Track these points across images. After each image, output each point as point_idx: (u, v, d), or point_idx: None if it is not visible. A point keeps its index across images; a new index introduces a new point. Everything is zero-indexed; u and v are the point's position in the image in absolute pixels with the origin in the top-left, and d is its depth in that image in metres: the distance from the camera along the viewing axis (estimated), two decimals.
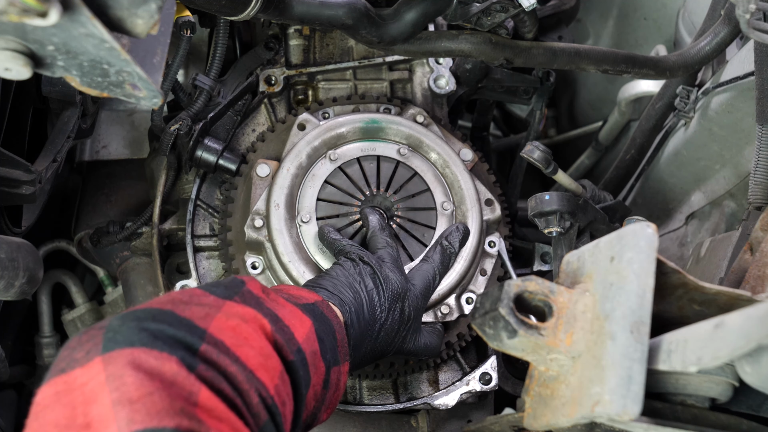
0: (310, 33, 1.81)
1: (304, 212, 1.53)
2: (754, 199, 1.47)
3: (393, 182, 1.60)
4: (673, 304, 1.04)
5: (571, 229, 1.50)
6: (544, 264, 1.80)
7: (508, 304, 0.97)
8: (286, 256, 1.49)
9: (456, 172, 1.61)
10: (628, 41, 2.42)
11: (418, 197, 1.59)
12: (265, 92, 1.74)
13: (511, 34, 1.51)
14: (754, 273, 1.28)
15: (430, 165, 1.62)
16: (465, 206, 1.59)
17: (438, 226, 1.57)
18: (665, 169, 1.97)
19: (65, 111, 1.70)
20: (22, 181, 1.50)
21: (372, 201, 1.58)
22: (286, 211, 1.52)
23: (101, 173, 2.04)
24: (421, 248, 1.55)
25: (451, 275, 1.54)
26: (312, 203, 1.55)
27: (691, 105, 1.80)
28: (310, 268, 1.49)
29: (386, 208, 1.57)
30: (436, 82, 1.81)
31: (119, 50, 0.86)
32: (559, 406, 0.99)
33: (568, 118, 2.88)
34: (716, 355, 0.85)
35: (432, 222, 1.58)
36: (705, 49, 1.62)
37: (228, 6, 1.24)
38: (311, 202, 1.55)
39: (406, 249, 1.55)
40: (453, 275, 1.54)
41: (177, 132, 1.62)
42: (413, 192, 1.60)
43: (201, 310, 0.97)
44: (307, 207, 1.54)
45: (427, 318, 1.53)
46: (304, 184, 1.56)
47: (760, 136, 1.46)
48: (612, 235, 1.01)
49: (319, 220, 1.54)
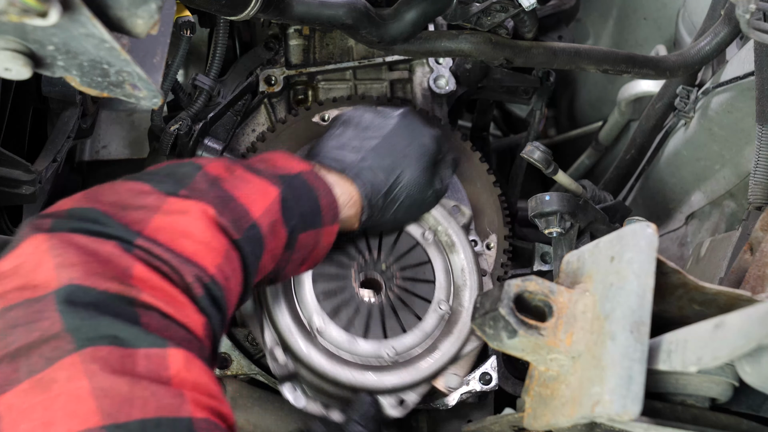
0: (310, 33, 1.81)
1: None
2: (754, 199, 1.47)
3: (402, 260, 1.54)
4: (673, 304, 1.04)
5: (571, 229, 1.50)
6: (544, 264, 1.80)
7: (508, 304, 0.97)
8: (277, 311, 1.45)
9: (468, 281, 1.54)
10: (628, 41, 2.42)
11: (419, 285, 1.54)
12: (265, 92, 1.74)
13: (511, 34, 1.51)
14: (754, 273, 1.28)
15: (446, 262, 1.56)
16: (462, 306, 1.53)
17: (427, 318, 1.50)
18: (665, 169, 1.97)
19: (65, 111, 1.70)
20: (22, 181, 1.50)
21: (373, 268, 1.53)
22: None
23: (101, 173, 2.04)
24: (400, 331, 1.49)
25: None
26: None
27: (691, 105, 1.80)
28: (289, 304, 1.46)
29: (386, 282, 1.52)
30: (436, 82, 1.81)
31: (119, 50, 0.86)
32: (559, 406, 0.99)
33: (568, 118, 2.88)
34: (716, 355, 0.85)
35: (422, 313, 1.51)
36: (705, 49, 1.62)
37: (228, 6, 1.24)
38: None
39: (384, 326, 1.49)
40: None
41: (177, 132, 1.62)
42: (417, 278, 1.54)
43: (138, 215, 1.02)
44: None
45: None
46: None
47: (760, 136, 1.46)
48: (612, 235, 1.01)
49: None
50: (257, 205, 1.17)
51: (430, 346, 1.48)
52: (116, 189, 1.07)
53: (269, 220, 1.19)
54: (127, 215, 1.02)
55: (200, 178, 1.14)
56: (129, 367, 0.87)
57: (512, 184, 2.10)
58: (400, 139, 1.46)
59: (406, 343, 1.47)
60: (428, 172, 1.47)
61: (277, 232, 1.21)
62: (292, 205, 1.24)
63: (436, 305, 1.51)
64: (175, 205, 1.07)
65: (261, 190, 1.20)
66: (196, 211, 1.07)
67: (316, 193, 1.31)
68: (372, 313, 1.49)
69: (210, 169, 1.17)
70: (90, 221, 0.98)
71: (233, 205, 1.13)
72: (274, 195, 1.21)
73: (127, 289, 0.92)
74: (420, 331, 1.49)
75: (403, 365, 1.46)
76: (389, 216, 1.45)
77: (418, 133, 1.48)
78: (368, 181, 1.40)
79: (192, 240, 1.04)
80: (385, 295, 1.51)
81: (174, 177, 1.12)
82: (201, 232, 1.06)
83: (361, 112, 1.51)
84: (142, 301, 0.93)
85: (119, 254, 0.96)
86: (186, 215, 1.06)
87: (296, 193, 1.27)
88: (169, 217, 1.04)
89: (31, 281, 0.91)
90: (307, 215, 1.28)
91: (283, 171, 1.28)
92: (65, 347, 0.85)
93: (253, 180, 1.21)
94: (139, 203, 1.05)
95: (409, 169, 1.44)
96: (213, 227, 1.08)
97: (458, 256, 1.54)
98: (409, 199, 1.45)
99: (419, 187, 1.46)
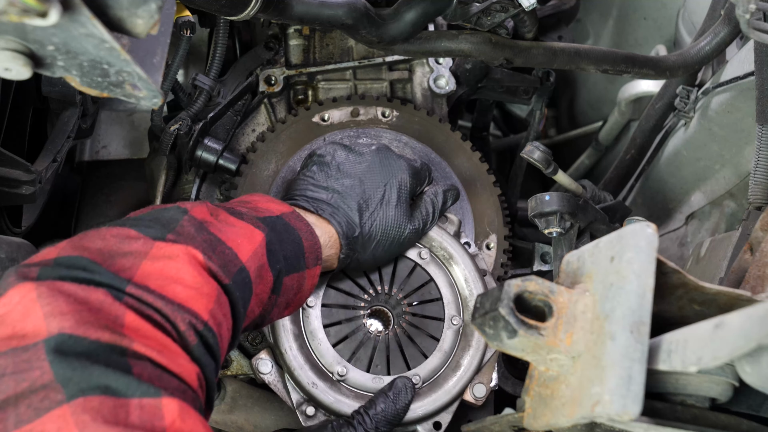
0: (310, 33, 1.81)
1: (311, 296, 1.48)
2: (754, 199, 1.47)
3: (406, 285, 1.54)
4: (673, 304, 1.04)
5: (571, 229, 1.50)
6: (544, 264, 1.80)
7: (508, 304, 0.97)
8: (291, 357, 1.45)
9: (474, 289, 1.54)
10: (628, 41, 2.42)
11: (428, 305, 1.54)
12: (265, 92, 1.74)
13: (511, 34, 1.51)
14: (754, 273, 1.28)
15: (447, 275, 1.56)
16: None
17: (444, 337, 1.51)
18: (665, 169, 1.97)
19: (65, 111, 1.70)
20: (22, 181, 1.50)
21: (381, 300, 1.53)
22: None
23: (101, 173, 2.04)
24: (421, 358, 1.50)
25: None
26: (321, 288, 1.50)
27: (691, 105, 1.80)
28: (308, 359, 1.45)
29: (395, 312, 1.52)
30: (436, 82, 1.81)
31: (119, 50, 0.86)
32: (559, 406, 0.99)
33: (568, 118, 2.88)
34: (716, 355, 0.85)
35: (438, 333, 1.52)
36: (705, 49, 1.62)
37: (228, 6, 1.24)
38: (320, 287, 1.50)
39: (404, 356, 1.50)
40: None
41: (177, 132, 1.62)
42: (425, 299, 1.54)
43: (126, 261, 1.01)
44: (315, 291, 1.49)
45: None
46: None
47: (760, 136, 1.46)
48: (612, 235, 1.01)
49: (324, 307, 1.49)
50: (244, 248, 1.16)
51: (453, 365, 1.50)
52: (102, 235, 1.04)
53: (256, 263, 1.17)
54: (115, 262, 1.00)
55: (187, 222, 1.12)
56: (122, 417, 0.85)
57: (512, 184, 2.10)
58: (373, 177, 1.46)
59: (430, 368, 1.49)
60: (403, 208, 1.47)
61: (263, 276, 1.20)
62: (276, 248, 1.23)
63: (449, 321, 1.52)
64: (163, 250, 1.04)
65: (246, 233, 1.19)
66: (184, 255, 1.05)
67: (299, 234, 1.30)
68: (389, 346, 1.50)
69: (196, 213, 1.15)
70: (78, 269, 0.96)
71: (221, 249, 1.12)
72: (260, 238, 1.20)
73: (118, 339, 0.91)
74: (440, 352, 1.50)
75: (431, 389, 1.48)
76: (368, 254, 1.45)
77: (394, 169, 1.48)
78: (344, 220, 1.40)
79: (183, 285, 1.02)
80: (397, 324, 1.51)
81: (160, 221, 1.10)
82: (191, 277, 1.03)
83: (334, 149, 1.50)
84: (134, 350, 0.91)
85: (110, 302, 0.94)
86: (175, 260, 1.04)
87: (280, 236, 1.25)
88: (158, 263, 1.02)
89: (20, 330, 0.89)
90: (291, 258, 1.27)
91: (264, 213, 1.27)
92: (55, 398, 0.83)
93: (237, 224, 1.19)
94: (126, 249, 1.02)
95: (386, 207, 1.44)
96: (203, 272, 1.06)
97: (458, 267, 1.54)
98: (386, 237, 1.45)
99: (396, 224, 1.45)
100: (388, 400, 1.40)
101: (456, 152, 1.72)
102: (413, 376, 1.47)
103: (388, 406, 1.39)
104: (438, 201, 1.54)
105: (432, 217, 1.52)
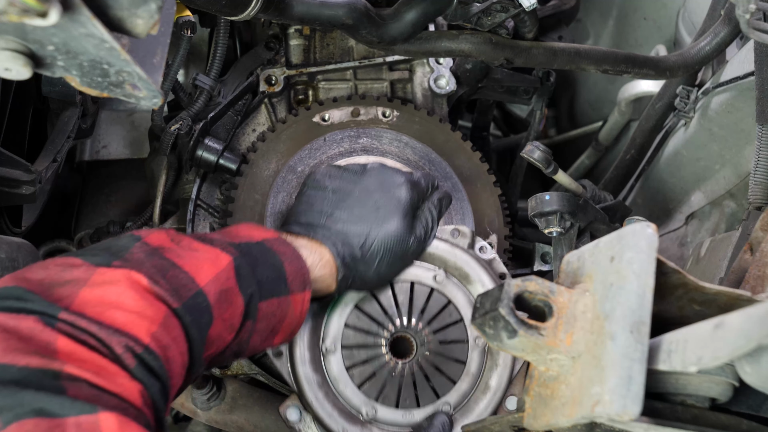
0: (311, 33, 1.81)
1: (329, 340, 1.46)
2: (754, 199, 1.47)
3: (426, 312, 1.50)
4: (673, 304, 1.04)
5: (571, 229, 1.50)
6: (544, 264, 1.80)
7: (508, 304, 0.97)
8: (311, 394, 1.43)
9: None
10: (628, 41, 2.42)
11: (450, 329, 1.50)
12: (265, 92, 1.74)
13: (512, 34, 1.51)
14: (754, 273, 1.27)
15: (466, 294, 1.51)
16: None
17: (470, 360, 1.48)
18: (665, 169, 1.97)
19: (65, 111, 1.70)
20: (22, 181, 1.50)
21: (401, 332, 1.49)
22: (309, 338, 1.45)
23: (101, 173, 2.03)
24: (449, 384, 1.47)
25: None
26: (339, 330, 1.47)
27: (691, 105, 1.80)
28: (335, 405, 1.43)
29: (417, 341, 1.49)
30: (437, 82, 1.81)
31: (119, 50, 0.86)
32: (559, 406, 0.99)
33: (568, 118, 2.88)
34: (716, 355, 0.85)
35: (463, 356, 1.49)
36: (705, 49, 1.62)
37: (228, 6, 1.24)
38: (338, 329, 1.47)
39: (432, 385, 1.46)
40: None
41: (177, 132, 1.62)
42: (446, 324, 1.50)
43: (66, 290, 1.00)
44: (332, 335, 1.46)
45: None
46: (331, 309, 1.48)
47: (760, 136, 1.46)
48: (612, 235, 1.01)
49: (344, 349, 1.46)
50: (204, 273, 1.14)
51: (483, 386, 1.47)
52: (46, 266, 1.04)
53: (218, 288, 1.15)
54: (53, 292, 0.99)
55: (137, 249, 1.11)
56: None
57: (512, 184, 2.10)
58: (371, 196, 1.43)
59: (460, 393, 1.47)
60: (406, 222, 1.43)
61: (231, 302, 1.17)
62: (247, 272, 1.20)
63: (474, 342, 1.49)
64: (103, 275, 1.03)
65: (210, 258, 1.17)
66: (126, 280, 1.04)
67: (281, 258, 1.27)
68: (416, 378, 1.47)
69: (151, 240, 1.14)
70: (11, 299, 0.96)
71: (173, 273, 1.10)
72: (226, 263, 1.17)
73: (49, 363, 0.90)
74: (468, 376, 1.47)
75: (463, 415, 1.45)
76: (372, 273, 1.41)
77: (390, 185, 1.45)
78: (339, 240, 1.37)
79: (123, 310, 1.01)
80: (420, 353, 1.48)
81: (110, 250, 1.10)
82: (133, 301, 1.02)
83: (328, 172, 1.48)
84: (67, 373, 0.90)
85: (40, 329, 0.93)
86: (116, 285, 1.03)
87: (254, 260, 1.23)
88: (98, 289, 1.01)
89: None
90: (269, 282, 1.24)
91: (242, 240, 1.26)
92: None
93: (201, 248, 1.18)
94: (66, 278, 1.02)
95: (385, 224, 1.41)
96: (147, 295, 1.04)
97: (476, 284, 1.50)
98: (389, 253, 1.41)
99: (397, 239, 1.42)
100: None
101: (456, 152, 1.72)
102: (443, 405, 1.45)
103: None
104: (434, 209, 1.50)
105: (433, 224, 1.49)
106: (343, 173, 1.47)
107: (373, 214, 1.41)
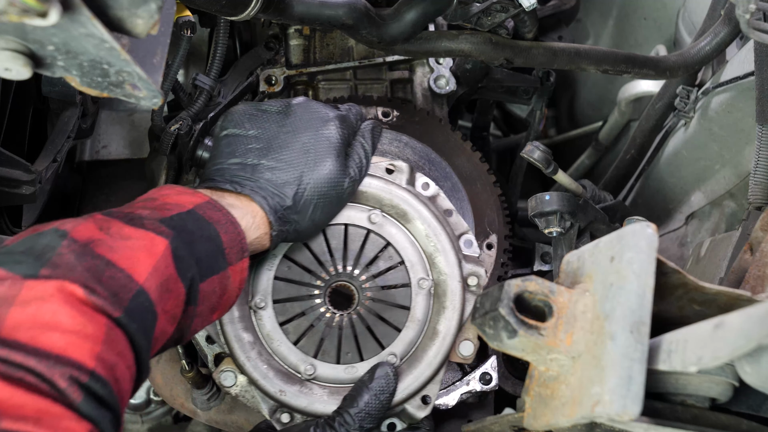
0: (311, 33, 1.81)
1: (258, 296, 1.36)
2: (754, 199, 1.47)
3: (362, 257, 1.40)
4: (673, 304, 1.04)
5: (571, 229, 1.50)
6: (544, 264, 1.80)
7: (508, 304, 0.97)
8: (242, 354, 1.33)
9: (437, 244, 1.41)
10: (628, 41, 2.42)
11: (390, 273, 1.40)
12: (265, 92, 1.74)
13: (511, 34, 1.51)
14: (754, 273, 1.28)
15: (406, 234, 1.41)
16: (445, 281, 1.39)
17: (414, 305, 1.38)
18: (665, 169, 1.97)
19: (65, 111, 1.70)
20: (22, 181, 1.50)
21: (336, 280, 1.38)
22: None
23: (101, 173, 2.04)
24: (393, 333, 1.37)
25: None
26: (268, 284, 1.36)
27: (691, 105, 1.80)
28: (270, 365, 1.34)
29: (357, 289, 1.38)
30: (437, 82, 1.81)
31: (119, 50, 0.86)
32: (559, 406, 0.99)
33: (568, 118, 2.88)
34: (716, 355, 0.85)
35: (407, 301, 1.40)
36: (705, 49, 1.62)
37: (228, 6, 1.24)
38: (267, 282, 1.36)
39: (375, 336, 1.37)
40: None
41: (177, 132, 1.62)
42: (385, 268, 1.40)
43: None
44: (262, 289, 1.36)
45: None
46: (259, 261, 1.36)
47: (760, 136, 1.46)
48: (612, 235, 1.02)
49: (276, 303, 1.36)
50: (141, 266, 1.02)
51: (431, 332, 1.38)
52: None
53: (158, 280, 1.04)
54: None
55: (65, 249, 0.98)
56: None
57: (512, 184, 2.10)
58: (298, 137, 1.31)
59: (406, 341, 1.39)
60: (339, 162, 1.31)
61: (172, 291, 1.07)
62: (185, 253, 1.09)
63: (417, 285, 1.39)
64: (33, 290, 0.91)
65: (145, 245, 1.05)
66: (59, 294, 0.91)
67: (216, 227, 1.16)
68: (357, 329, 1.38)
69: (78, 234, 1.01)
70: None
71: (110, 274, 0.98)
72: (162, 247, 1.06)
73: None
74: (413, 322, 1.38)
75: (411, 365, 1.38)
76: (306, 222, 1.30)
77: (318, 123, 1.33)
78: (269, 193, 1.26)
79: (60, 331, 0.89)
80: (360, 302, 1.39)
81: (33, 252, 0.96)
82: (70, 318, 0.90)
83: (246, 111, 1.34)
84: (3, 429, 0.79)
85: None
86: (48, 301, 0.90)
87: (191, 236, 1.11)
88: (29, 308, 0.89)
89: None
90: (207, 259, 1.13)
91: (172, 211, 1.13)
92: None
93: (133, 235, 1.05)
94: None
95: (317, 167, 1.29)
96: (84, 309, 0.92)
97: (416, 222, 1.40)
98: (324, 198, 1.30)
99: (332, 182, 1.31)
100: (369, 393, 1.28)
101: (456, 152, 1.72)
102: (389, 356, 1.35)
103: (371, 399, 1.28)
104: (367, 143, 1.38)
105: (367, 161, 1.37)
106: (264, 114, 1.36)
107: (302, 157, 1.30)
